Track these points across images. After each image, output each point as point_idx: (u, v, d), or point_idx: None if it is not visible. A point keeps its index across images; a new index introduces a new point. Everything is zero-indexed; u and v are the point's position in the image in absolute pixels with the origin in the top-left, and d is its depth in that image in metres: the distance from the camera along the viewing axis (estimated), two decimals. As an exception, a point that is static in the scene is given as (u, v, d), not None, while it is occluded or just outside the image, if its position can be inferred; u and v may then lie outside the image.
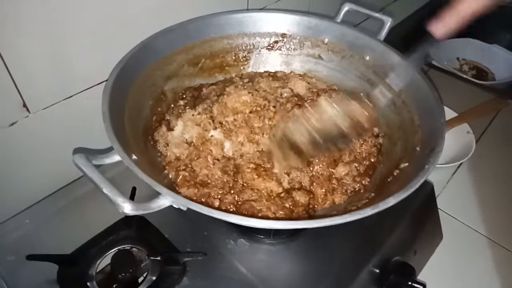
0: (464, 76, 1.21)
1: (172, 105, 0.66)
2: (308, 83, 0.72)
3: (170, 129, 0.61)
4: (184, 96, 0.68)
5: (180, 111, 0.64)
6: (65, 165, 0.54)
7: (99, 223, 0.58)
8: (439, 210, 0.76)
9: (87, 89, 0.63)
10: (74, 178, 0.69)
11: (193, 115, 0.62)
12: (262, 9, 0.83)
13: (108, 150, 0.46)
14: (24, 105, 0.57)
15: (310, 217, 0.54)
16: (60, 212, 0.64)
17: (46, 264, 0.53)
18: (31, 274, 0.54)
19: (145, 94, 0.62)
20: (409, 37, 1.29)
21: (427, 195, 0.70)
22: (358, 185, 0.59)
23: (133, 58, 0.58)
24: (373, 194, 0.54)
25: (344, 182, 0.59)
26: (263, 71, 0.76)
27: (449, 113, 0.91)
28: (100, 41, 0.60)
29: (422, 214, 0.69)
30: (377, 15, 0.70)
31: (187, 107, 0.65)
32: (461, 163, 0.86)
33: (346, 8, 0.72)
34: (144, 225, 0.58)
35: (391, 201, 0.43)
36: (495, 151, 0.92)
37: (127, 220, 0.58)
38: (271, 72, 0.75)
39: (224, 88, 0.66)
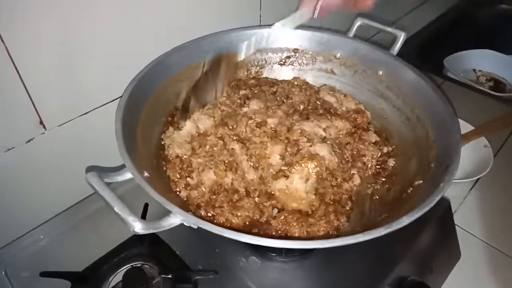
0: (481, 88, 1.19)
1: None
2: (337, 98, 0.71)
3: (178, 129, 0.62)
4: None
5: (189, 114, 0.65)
6: (79, 181, 0.55)
7: (112, 239, 0.59)
8: (456, 226, 0.74)
9: (102, 105, 0.64)
10: (88, 194, 0.69)
11: (207, 108, 0.65)
12: (274, 25, 0.83)
13: (121, 167, 0.46)
14: (41, 122, 0.58)
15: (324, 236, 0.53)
16: (74, 228, 0.64)
17: (59, 281, 0.53)
18: (44, 290, 0.55)
19: (158, 111, 0.62)
20: (423, 49, 1.29)
21: (443, 211, 0.68)
22: None
23: (148, 75, 0.58)
24: (385, 215, 0.53)
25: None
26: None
27: (466, 127, 0.89)
28: (115, 59, 0.61)
29: (438, 231, 0.67)
30: (390, 29, 0.69)
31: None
32: (479, 178, 0.84)
33: (358, 22, 0.72)
34: (156, 242, 0.58)
35: (405, 221, 0.42)
36: (514, 166, 0.89)
37: (139, 237, 0.58)
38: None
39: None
